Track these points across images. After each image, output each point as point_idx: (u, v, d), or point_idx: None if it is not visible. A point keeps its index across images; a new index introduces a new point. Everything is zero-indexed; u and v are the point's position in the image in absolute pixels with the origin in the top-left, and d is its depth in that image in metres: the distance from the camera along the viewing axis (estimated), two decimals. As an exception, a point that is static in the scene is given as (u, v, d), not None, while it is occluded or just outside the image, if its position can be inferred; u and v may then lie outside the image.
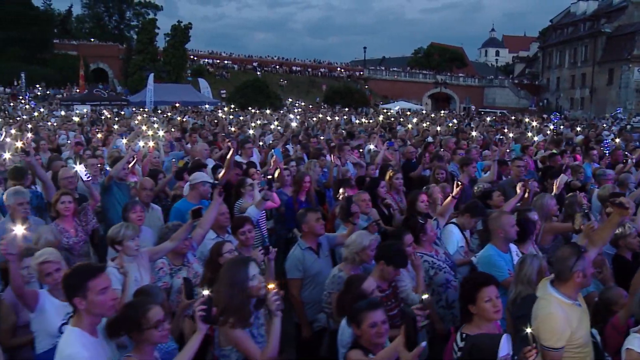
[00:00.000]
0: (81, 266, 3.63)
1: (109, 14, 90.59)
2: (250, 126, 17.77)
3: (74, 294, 3.39)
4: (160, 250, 5.16)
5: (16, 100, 46.76)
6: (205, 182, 6.87)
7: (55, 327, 4.22)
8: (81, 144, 12.74)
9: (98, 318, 3.51)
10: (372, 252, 5.26)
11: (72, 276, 3.47)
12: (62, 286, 3.59)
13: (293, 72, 76.10)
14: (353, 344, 3.97)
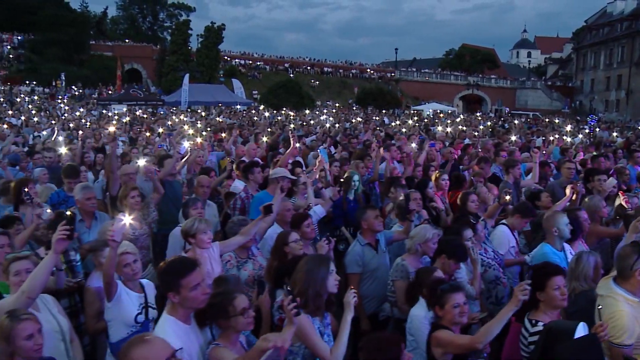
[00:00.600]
0: (176, 263, 3.80)
1: (142, 15, 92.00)
2: (290, 127, 18.07)
3: (168, 289, 3.61)
4: (231, 244, 5.37)
5: (54, 100, 47.84)
6: (285, 176, 7.18)
7: (132, 317, 4.42)
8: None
9: (190, 310, 3.69)
10: (434, 244, 5.51)
11: (167, 273, 3.67)
12: (158, 280, 3.80)
13: (324, 73, 76.29)
14: (434, 326, 4.21)
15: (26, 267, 4.15)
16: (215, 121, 24.66)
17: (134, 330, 4.42)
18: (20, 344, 3.36)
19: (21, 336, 3.36)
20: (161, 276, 3.72)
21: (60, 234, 3.72)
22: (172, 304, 3.66)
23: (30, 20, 68.25)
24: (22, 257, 4.26)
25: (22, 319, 3.42)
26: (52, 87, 57.82)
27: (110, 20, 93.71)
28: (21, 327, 3.38)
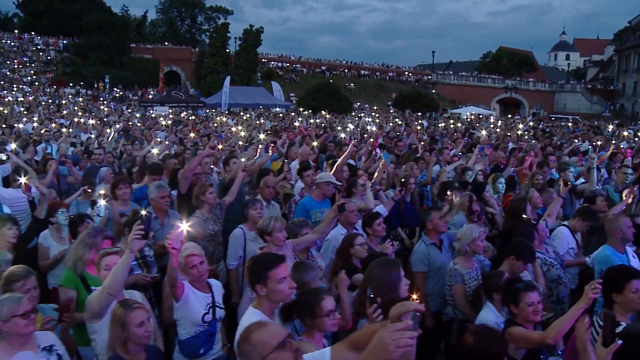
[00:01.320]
0: (263, 256, 4.03)
1: (181, 18, 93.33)
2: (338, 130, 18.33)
3: (256, 282, 3.79)
4: (303, 242, 5.59)
5: (96, 102, 49.02)
6: (330, 182, 7.31)
7: (199, 317, 4.61)
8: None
9: (276, 304, 3.88)
10: (482, 242, 5.70)
11: (255, 265, 3.88)
12: (246, 273, 4.04)
13: (361, 76, 76.39)
14: (508, 322, 4.39)
15: (115, 262, 4.37)
16: (255, 123, 25.04)
17: (201, 329, 4.63)
18: (133, 330, 3.65)
19: (134, 323, 3.65)
20: (250, 269, 3.90)
21: (135, 234, 3.93)
22: (258, 298, 3.85)
23: (75, 25, 70.28)
24: (112, 252, 4.56)
25: (134, 308, 3.72)
26: (95, 89, 59.25)
27: (149, 23, 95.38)
28: (134, 315, 3.67)
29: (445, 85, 76.91)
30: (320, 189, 7.31)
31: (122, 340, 3.65)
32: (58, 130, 18.07)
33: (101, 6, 76.86)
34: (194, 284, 4.72)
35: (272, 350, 2.65)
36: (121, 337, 3.65)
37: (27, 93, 52.28)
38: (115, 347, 3.67)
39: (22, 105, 39.47)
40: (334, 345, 3.15)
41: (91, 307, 4.09)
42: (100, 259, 4.48)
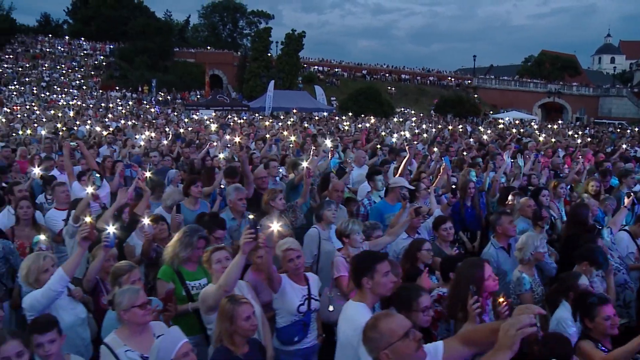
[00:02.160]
0: (369, 252, 4.39)
1: (223, 23, 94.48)
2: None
3: (363, 275, 4.06)
4: (378, 244, 5.87)
5: (141, 105, 50.17)
6: (403, 186, 7.60)
7: (294, 307, 4.94)
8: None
9: (377, 297, 4.15)
10: (544, 249, 5.83)
11: (363, 259, 4.19)
12: (351, 267, 4.33)
13: (402, 81, 76.25)
14: (581, 336, 4.47)
15: (225, 256, 4.76)
16: (302, 127, 25.38)
17: (296, 319, 4.96)
18: (240, 323, 3.94)
19: (242, 317, 3.95)
20: (357, 263, 4.19)
21: (247, 237, 4.22)
22: (360, 291, 4.12)
23: (121, 30, 72.11)
24: (220, 248, 4.90)
25: (242, 303, 4.02)
26: (140, 92, 60.61)
27: (191, 28, 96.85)
28: (241, 309, 3.97)
29: (486, 89, 76.20)
30: (394, 192, 7.58)
31: (229, 332, 3.95)
32: (116, 133, 18.69)
33: (146, 12, 78.56)
34: (291, 277, 5.07)
35: (398, 338, 2.91)
36: (229, 330, 3.94)
37: (75, 97, 53.88)
38: (222, 339, 3.97)
39: (72, 109, 40.68)
40: (446, 340, 3.39)
41: (206, 302, 4.43)
42: (211, 254, 4.80)
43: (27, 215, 6.85)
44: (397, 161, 11.41)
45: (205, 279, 5.23)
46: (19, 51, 69.26)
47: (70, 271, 4.40)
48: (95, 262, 4.88)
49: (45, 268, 4.61)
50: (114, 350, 3.85)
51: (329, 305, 5.42)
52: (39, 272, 4.58)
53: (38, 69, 65.19)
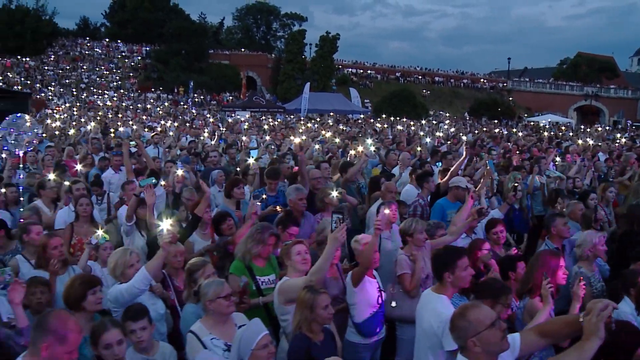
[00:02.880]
0: (450, 248, 4.68)
1: (256, 25, 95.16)
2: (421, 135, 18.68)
3: (445, 269, 4.36)
4: (441, 242, 6.08)
5: (177, 106, 50.99)
6: (460, 186, 7.90)
7: (374, 300, 5.26)
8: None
9: (456, 289, 4.48)
10: (603, 247, 5.97)
11: (445, 255, 4.50)
12: (433, 261, 4.63)
13: (435, 83, 76.06)
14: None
15: (304, 249, 5.02)
16: (340, 129, 25.64)
17: (375, 310, 5.24)
18: (319, 312, 4.20)
19: (321, 306, 4.20)
20: (439, 258, 4.53)
21: (341, 232, 4.51)
22: (440, 284, 4.43)
23: (157, 33, 73.38)
24: (300, 242, 5.15)
25: (321, 293, 4.28)
26: (175, 93, 61.58)
27: (225, 30, 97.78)
28: (320, 298, 4.22)
29: (520, 92, 75.49)
30: (453, 192, 7.86)
31: (309, 320, 4.20)
32: (162, 133, 19.17)
33: (181, 14, 79.59)
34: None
35: (485, 327, 3.13)
36: (308, 318, 4.20)
37: (113, 97, 55.02)
38: (302, 327, 4.22)
39: (111, 110, 41.58)
40: (522, 331, 3.62)
41: (289, 293, 4.68)
42: (290, 248, 5.04)
43: (86, 212, 7.13)
44: (444, 163, 11.60)
45: (273, 275, 5.49)
46: (60, 54, 70.83)
47: (153, 271, 4.64)
48: (158, 259, 4.87)
49: (130, 263, 4.88)
50: (201, 338, 4.12)
51: (392, 301, 5.65)
52: (125, 267, 4.86)
53: (77, 71, 66.62)
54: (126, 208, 7.64)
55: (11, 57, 62.78)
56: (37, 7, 65.36)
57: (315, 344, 4.17)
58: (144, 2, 76.87)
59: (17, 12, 62.54)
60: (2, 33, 61.56)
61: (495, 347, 3.16)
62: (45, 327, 3.30)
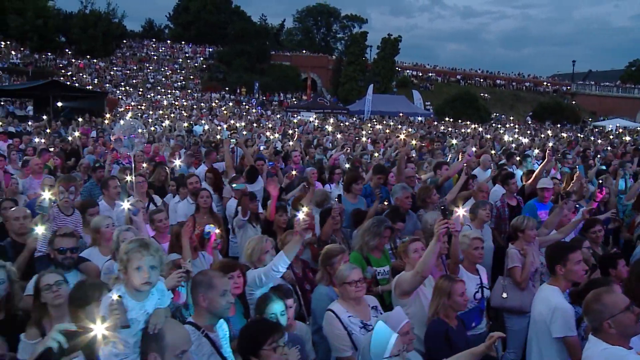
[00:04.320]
0: (562, 242, 5.03)
1: (317, 27, 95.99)
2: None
3: (556, 262, 4.68)
4: (548, 240, 6.40)
5: (239, 106, 52.15)
6: (545, 188, 8.19)
7: (472, 294, 5.54)
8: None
9: (570, 283, 4.76)
10: None
11: (557, 249, 4.84)
12: (546, 255, 4.97)
13: (496, 86, 75.18)
14: None
15: (421, 247, 5.38)
16: (408, 131, 25.89)
17: (473, 305, 5.53)
18: (456, 299, 4.62)
19: (457, 293, 4.62)
20: (552, 252, 4.83)
21: (442, 226, 4.72)
22: (554, 277, 4.73)
23: (219, 34, 75.13)
24: (416, 239, 5.55)
25: (457, 281, 4.70)
26: (237, 94, 62.94)
27: (285, 31, 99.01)
28: (457, 286, 4.64)
29: (585, 95, 73.61)
30: (541, 192, 8.18)
31: (445, 307, 4.62)
32: (234, 132, 19.89)
33: (242, 16, 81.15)
34: (465, 266, 5.71)
35: (620, 310, 3.48)
36: (445, 305, 4.62)
37: (177, 97, 56.68)
38: (439, 313, 4.62)
39: (178, 109, 42.94)
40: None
41: (401, 286, 5.07)
42: (408, 245, 5.44)
43: (206, 204, 7.71)
44: (522, 165, 11.90)
45: (387, 266, 5.92)
46: (127, 55, 73.34)
47: (291, 255, 5.06)
48: (295, 243, 5.12)
49: (266, 249, 5.37)
50: (339, 316, 4.56)
51: (503, 292, 6.00)
52: (261, 253, 5.34)
53: (144, 71, 68.88)
54: (235, 202, 8.27)
55: (83, 59, 65.48)
56: (108, 11, 67.86)
57: (451, 328, 4.57)
58: (206, 4, 78.65)
59: (90, 17, 65.12)
60: (77, 36, 64.41)
61: (629, 330, 3.48)
62: (195, 285, 3.80)
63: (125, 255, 3.22)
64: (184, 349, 3.18)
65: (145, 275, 3.22)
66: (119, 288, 3.27)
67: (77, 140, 15.39)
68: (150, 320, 3.16)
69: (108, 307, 3.10)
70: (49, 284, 4.05)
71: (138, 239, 3.45)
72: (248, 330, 3.68)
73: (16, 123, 25.80)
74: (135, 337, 3.17)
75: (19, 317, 4.38)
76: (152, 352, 3.11)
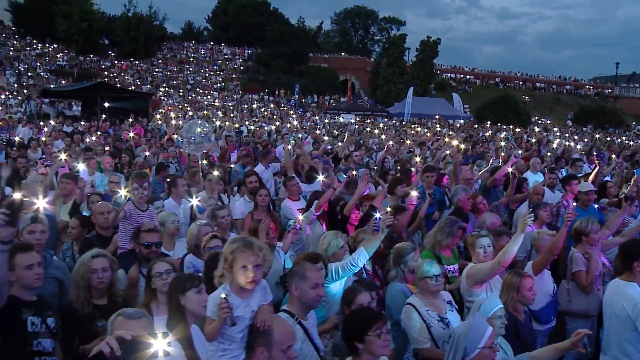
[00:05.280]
0: (636, 240, 5.15)
1: (354, 29, 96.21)
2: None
3: (633, 259, 4.85)
4: (611, 244, 6.54)
5: (279, 108, 52.64)
6: (589, 191, 8.30)
7: (551, 289, 5.81)
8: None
9: None
10: None
11: (633, 246, 5.02)
12: (621, 252, 5.16)
13: (536, 89, 74.33)
14: None
15: (487, 243, 5.60)
16: (449, 134, 25.95)
17: (549, 300, 5.78)
18: (524, 293, 4.84)
19: (526, 288, 4.84)
20: (628, 249, 5.04)
21: (527, 219, 5.10)
22: (629, 273, 4.92)
23: (257, 36, 75.97)
24: (484, 235, 5.75)
25: (525, 276, 4.91)
26: (276, 95, 63.52)
27: (323, 33, 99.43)
28: (526, 281, 4.85)
29: (629, 99, 72.26)
30: (582, 196, 8.30)
31: (515, 301, 4.83)
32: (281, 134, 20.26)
33: (280, 18, 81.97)
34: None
35: None
36: (514, 299, 4.84)
37: (216, 99, 57.47)
38: (507, 307, 4.81)
39: (219, 110, 43.58)
40: None
41: (477, 276, 5.32)
42: (475, 240, 5.67)
43: (265, 202, 7.94)
44: (572, 169, 11.96)
45: (456, 265, 6.15)
46: (168, 56, 74.60)
47: (371, 251, 5.29)
48: (377, 240, 5.35)
49: (341, 245, 5.64)
50: (418, 309, 4.79)
51: (567, 296, 6.15)
52: (337, 247, 5.59)
53: (184, 73, 69.97)
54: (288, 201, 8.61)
55: (126, 61, 66.90)
56: (150, 14, 69.16)
57: (520, 322, 4.78)
58: (245, 6, 79.63)
59: (132, 19, 66.47)
60: (119, 38, 65.84)
61: None
62: (291, 274, 4.08)
63: (231, 255, 3.45)
64: (290, 344, 3.41)
65: (250, 275, 3.46)
66: (224, 287, 3.50)
67: (131, 140, 15.95)
68: (258, 317, 3.41)
69: (217, 306, 3.34)
70: (160, 272, 4.38)
71: (241, 237, 3.69)
72: (354, 317, 3.91)
73: (69, 123, 26.58)
74: (242, 334, 3.43)
75: (119, 302, 4.74)
76: (260, 346, 3.37)
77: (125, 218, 6.23)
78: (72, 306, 4.61)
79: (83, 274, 4.60)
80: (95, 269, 4.61)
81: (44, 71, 58.33)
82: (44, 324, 4.29)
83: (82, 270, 4.62)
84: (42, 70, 58.59)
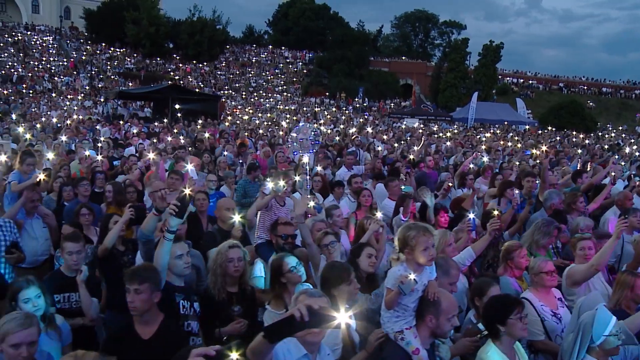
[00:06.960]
0: None
1: (414, 33, 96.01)
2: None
3: None
4: None
5: (339, 111, 53.12)
6: None
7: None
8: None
9: None
10: None
11: None
12: None
13: (602, 94, 72.54)
14: None
15: (588, 245, 5.79)
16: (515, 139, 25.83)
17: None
18: (638, 292, 5.04)
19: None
20: None
21: (624, 224, 5.37)
22: None
23: (317, 40, 76.94)
24: (587, 238, 5.96)
25: (639, 276, 5.13)
26: (337, 98, 64.06)
27: (382, 37, 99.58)
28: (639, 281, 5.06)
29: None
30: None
31: (627, 299, 5.07)
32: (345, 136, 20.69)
33: (340, 22, 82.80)
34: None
35: None
36: (628, 297, 5.07)
37: (278, 101, 58.44)
38: (620, 304, 5.05)
39: (282, 113, 44.36)
40: None
41: (573, 277, 5.55)
42: (577, 242, 5.89)
43: (368, 202, 8.36)
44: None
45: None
46: (230, 60, 76.27)
47: (477, 252, 5.68)
48: (484, 242, 5.87)
49: (449, 242, 5.94)
50: (533, 304, 5.06)
51: None
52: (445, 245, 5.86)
53: (246, 76, 71.43)
54: (389, 200, 8.97)
55: (190, 64, 68.75)
56: (214, 18, 70.86)
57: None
58: (306, 10, 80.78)
59: (197, 23, 68.27)
60: (184, 42, 67.74)
61: None
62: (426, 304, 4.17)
63: (413, 240, 3.83)
64: (454, 314, 3.90)
65: (432, 253, 3.87)
66: (402, 265, 3.93)
67: (206, 141, 16.68)
68: (428, 289, 3.86)
69: (396, 280, 3.79)
70: (294, 266, 4.84)
71: (416, 224, 4.07)
72: (498, 301, 4.30)
73: (142, 124, 27.70)
74: (414, 304, 3.88)
75: (248, 290, 5.23)
76: (430, 314, 3.84)
77: (266, 209, 6.78)
78: (210, 292, 5.09)
79: (221, 263, 5.07)
80: (232, 258, 5.06)
81: (113, 74, 60.65)
82: (192, 308, 4.82)
83: (220, 259, 5.08)
84: (112, 73, 60.93)
